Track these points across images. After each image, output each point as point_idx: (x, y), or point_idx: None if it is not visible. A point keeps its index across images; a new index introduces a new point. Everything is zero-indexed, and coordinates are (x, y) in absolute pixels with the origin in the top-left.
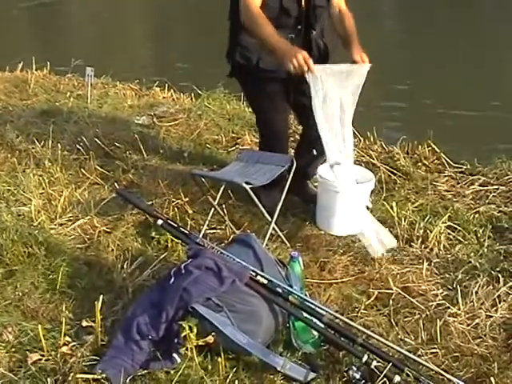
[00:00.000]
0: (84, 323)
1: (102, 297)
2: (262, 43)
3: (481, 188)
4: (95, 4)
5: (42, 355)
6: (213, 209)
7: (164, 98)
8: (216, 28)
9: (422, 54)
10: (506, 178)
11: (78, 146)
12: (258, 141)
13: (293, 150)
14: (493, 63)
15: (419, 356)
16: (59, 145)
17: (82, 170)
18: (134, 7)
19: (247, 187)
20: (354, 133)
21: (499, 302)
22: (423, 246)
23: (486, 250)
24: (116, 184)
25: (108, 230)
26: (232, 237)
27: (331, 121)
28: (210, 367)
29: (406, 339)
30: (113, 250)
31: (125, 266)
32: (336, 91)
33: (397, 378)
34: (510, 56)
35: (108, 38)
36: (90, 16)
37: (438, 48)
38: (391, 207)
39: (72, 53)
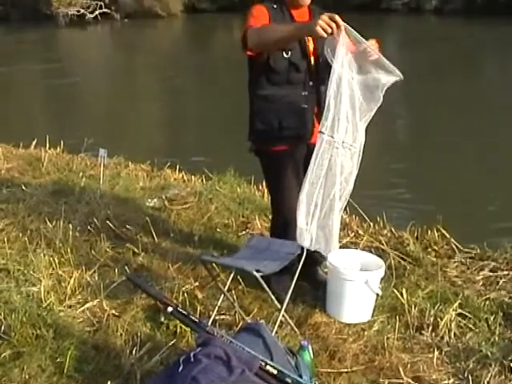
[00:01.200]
0: None
1: (109, 382)
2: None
3: (491, 274)
4: (110, 85)
5: None
6: (222, 294)
7: (175, 179)
8: (228, 113)
9: (430, 138)
10: None
11: (89, 227)
12: (267, 225)
13: None
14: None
15: None
16: (70, 225)
17: (93, 251)
18: (148, 89)
19: (257, 275)
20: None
21: None
22: (434, 334)
23: (497, 338)
24: (126, 267)
25: (117, 314)
26: (241, 325)
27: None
28: None
29: None
30: (121, 334)
31: (133, 352)
32: (356, 76)
33: None
34: None
35: (121, 117)
36: (103, 96)
37: (444, 134)
38: (401, 294)
39: (85, 131)
